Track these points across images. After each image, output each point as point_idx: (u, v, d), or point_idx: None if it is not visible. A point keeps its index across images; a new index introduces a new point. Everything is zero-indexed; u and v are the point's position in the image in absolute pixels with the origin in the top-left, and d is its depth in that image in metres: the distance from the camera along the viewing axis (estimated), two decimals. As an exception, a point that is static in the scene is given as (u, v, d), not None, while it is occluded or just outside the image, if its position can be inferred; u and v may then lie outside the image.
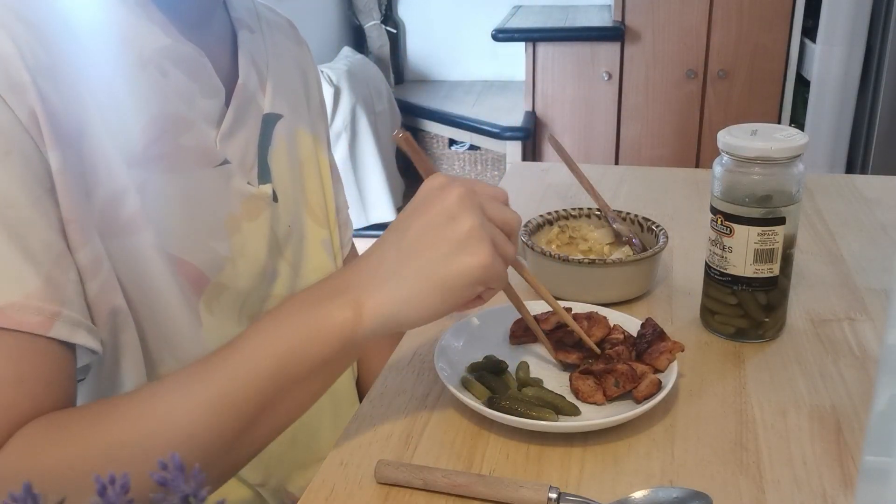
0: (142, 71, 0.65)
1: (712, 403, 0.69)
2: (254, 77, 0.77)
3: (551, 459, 0.62)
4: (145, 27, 0.66)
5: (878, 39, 2.27)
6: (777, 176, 0.72)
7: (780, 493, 0.58)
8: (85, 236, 0.60)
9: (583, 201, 1.00)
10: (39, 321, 0.55)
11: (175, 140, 0.67)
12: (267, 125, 0.78)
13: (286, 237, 0.80)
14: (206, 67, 0.70)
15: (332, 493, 0.59)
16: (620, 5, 2.50)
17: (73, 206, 0.59)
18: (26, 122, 0.56)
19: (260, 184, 0.76)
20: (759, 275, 0.74)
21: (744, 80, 2.53)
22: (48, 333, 0.56)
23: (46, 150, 0.57)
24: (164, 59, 0.67)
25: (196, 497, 0.32)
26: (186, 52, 0.69)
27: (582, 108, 2.61)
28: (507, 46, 2.76)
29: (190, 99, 0.69)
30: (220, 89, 0.72)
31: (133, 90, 0.65)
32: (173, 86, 0.68)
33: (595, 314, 0.76)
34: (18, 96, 0.56)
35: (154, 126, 0.66)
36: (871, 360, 0.75)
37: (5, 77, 0.56)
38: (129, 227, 0.64)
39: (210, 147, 0.70)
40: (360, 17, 3.07)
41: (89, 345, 0.59)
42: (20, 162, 0.56)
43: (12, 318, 0.54)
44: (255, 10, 0.83)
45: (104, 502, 0.31)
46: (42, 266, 0.56)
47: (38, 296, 0.56)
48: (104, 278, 0.62)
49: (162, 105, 0.66)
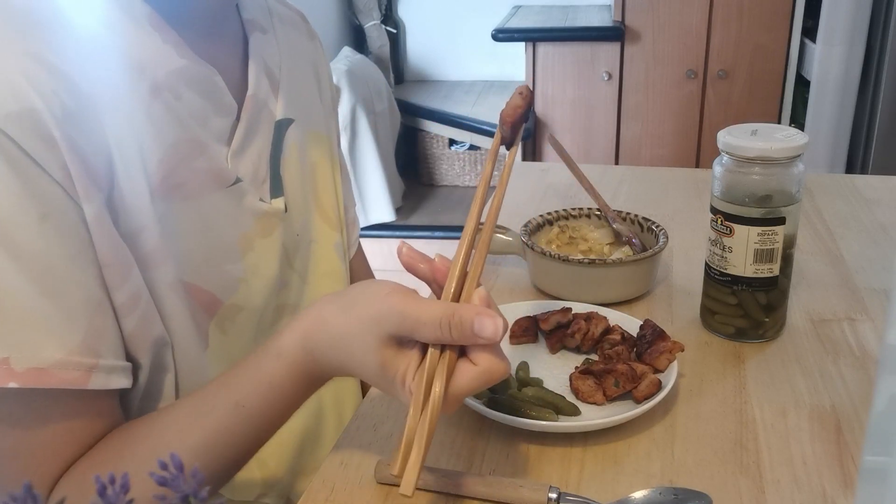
0: (156, 98, 0.64)
1: (712, 403, 0.69)
2: (265, 84, 0.75)
3: (551, 459, 0.62)
4: (159, 50, 0.64)
5: (878, 39, 2.27)
6: (777, 176, 0.72)
7: (780, 493, 0.58)
8: (122, 277, 0.61)
9: (583, 201, 1.00)
10: (78, 376, 0.57)
11: (190, 166, 0.66)
12: (279, 132, 0.76)
13: (294, 247, 0.79)
14: (220, 86, 0.69)
15: (332, 493, 0.59)
16: (620, 5, 2.50)
17: (108, 251, 0.59)
18: (60, 179, 0.56)
19: (272, 198, 0.74)
20: (759, 275, 0.74)
21: (744, 80, 2.52)
22: (86, 387, 0.58)
23: (81, 201, 0.57)
24: (178, 81, 0.65)
25: (196, 497, 0.32)
26: (200, 72, 0.67)
27: (582, 108, 2.60)
28: (507, 46, 2.75)
29: (203, 120, 0.67)
30: (233, 107, 0.70)
31: (149, 120, 0.63)
32: (187, 108, 0.66)
33: (595, 314, 0.77)
34: (50, 153, 0.55)
35: (171, 155, 0.64)
36: (871, 360, 0.74)
37: (35, 135, 0.55)
38: (146, 263, 0.63)
39: (222, 167, 0.69)
40: (360, 17, 3.06)
41: (123, 385, 0.61)
42: (58, 223, 0.56)
43: (56, 377, 0.56)
44: (266, 6, 0.80)
45: (104, 502, 0.31)
46: (81, 322, 0.58)
47: (78, 351, 0.57)
48: (143, 311, 0.63)
49: (177, 131, 0.65)
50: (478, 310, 0.53)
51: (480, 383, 0.54)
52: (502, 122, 0.61)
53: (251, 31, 0.76)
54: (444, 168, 2.93)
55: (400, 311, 0.53)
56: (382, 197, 2.64)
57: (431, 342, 0.53)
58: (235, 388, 0.59)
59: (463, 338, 0.53)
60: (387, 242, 2.56)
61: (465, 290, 0.56)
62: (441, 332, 0.52)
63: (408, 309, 0.53)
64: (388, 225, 2.64)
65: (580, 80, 2.58)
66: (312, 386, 0.60)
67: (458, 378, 0.53)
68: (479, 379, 0.53)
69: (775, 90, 2.53)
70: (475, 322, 0.52)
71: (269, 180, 0.75)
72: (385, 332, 0.54)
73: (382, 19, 3.10)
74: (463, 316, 0.52)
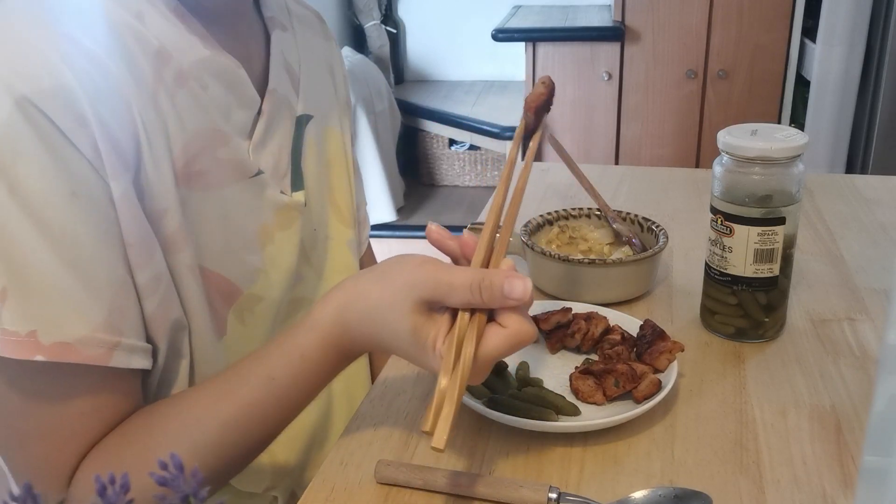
0: (182, 86, 0.65)
1: (712, 403, 0.69)
2: (286, 80, 0.76)
3: (551, 459, 0.62)
4: (185, 39, 0.66)
5: (878, 39, 2.27)
6: (777, 176, 0.72)
7: (780, 493, 0.58)
8: (145, 257, 0.62)
9: (583, 201, 1.00)
10: (102, 353, 0.59)
11: (213, 155, 0.67)
12: (299, 127, 0.78)
13: (312, 241, 0.80)
14: (243, 78, 0.70)
15: (332, 493, 0.59)
16: (620, 5, 2.50)
17: (133, 230, 0.60)
18: (90, 157, 0.57)
19: (293, 191, 0.76)
20: (759, 275, 0.74)
21: (744, 81, 2.52)
22: (109, 364, 0.59)
23: (109, 179, 0.58)
24: (203, 71, 0.66)
25: (196, 497, 0.32)
26: (225, 64, 0.68)
27: (582, 109, 2.60)
28: (507, 46, 2.75)
29: (227, 111, 0.69)
30: (255, 100, 0.71)
31: (174, 107, 0.64)
32: (212, 99, 0.67)
33: (595, 314, 0.77)
34: (82, 130, 0.56)
35: (194, 143, 0.65)
36: (871, 360, 0.75)
37: (70, 113, 0.56)
38: (167, 246, 0.64)
39: (244, 159, 0.70)
40: (360, 17, 3.06)
41: (143, 366, 0.62)
42: (87, 201, 0.57)
43: (81, 353, 0.57)
44: (285, 5, 0.82)
45: (104, 502, 0.31)
46: (106, 299, 0.59)
47: (102, 328, 0.58)
48: (163, 293, 0.64)
49: (201, 120, 0.66)
50: (507, 273, 0.55)
51: (509, 346, 0.55)
52: (526, 108, 0.64)
53: (272, 29, 0.77)
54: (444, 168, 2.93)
55: (433, 277, 0.55)
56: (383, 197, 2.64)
57: (462, 306, 0.55)
58: (267, 362, 0.60)
59: (493, 300, 0.54)
60: (388, 242, 2.56)
61: (493, 261, 0.58)
62: (472, 295, 0.54)
63: (440, 274, 0.55)
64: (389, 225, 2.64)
65: (580, 80, 2.57)
66: (342, 361, 0.61)
67: (487, 341, 0.55)
68: (509, 341, 0.55)
69: (775, 90, 2.53)
70: (505, 284, 0.54)
71: (290, 174, 0.76)
72: (418, 298, 0.55)
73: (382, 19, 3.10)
74: (493, 279, 0.54)
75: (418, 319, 0.55)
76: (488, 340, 0.55)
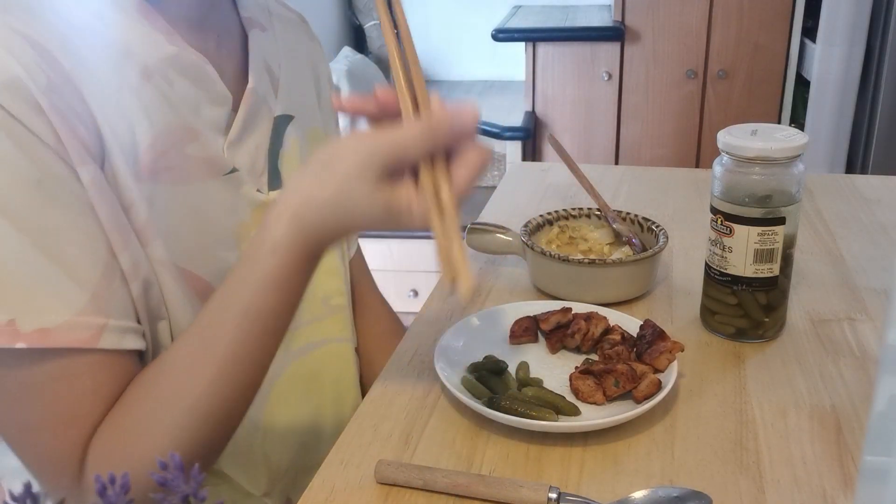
0: (148, 82, 0.65)
1: (712, 403, 0.69)
2: (265, 80, 0.76)
3: (551, 459, 0.62)
4: (149, 36, 0.66)
5: (878, 39, 2.27)
6: (777, 176, 0.72)
7: (780, 493, 0.58)
8: (123, 242, 0.62)
9: (583, 201, 1.00)
10: (88, 336, 0.59)
11: (181, 151, 0.67)
12: (278, 128, 0.78)
13: None
14: (211, 75, 0.70)
15: (332, 493, 0.59)
16: (620, 5, 2.50)
17: (108, 216, 0.61)
18: (52, 143, 0.57)
19: (270, 190, 0.75)
20: (759, 275, 0.74)
21: (744, 80, 2.52)
22: (97, 346, 0.59)
23: (75, 165, 0.59)
24: (168, 68, 0.67)
25: (196, 497, 0.32)
26: (191, 60, 0.68)
27: (582, 108, 2.60)
28: (507, 46, 2.75)
29: (196, 108, 0.69)
30: (226, 97, 0.71)
31: (140, 103, 0.64)
32: (179, 95, 0.67)
33: (595, 314, 0.77)
34: (39, 119, 0.57)
35: (163, 138, 0.66)
36: (871, 360, 0.75)
37: (23, 102, 0.56)
38: (139, 240, 0.64)
39: (217, 156, 0.70)
40: (360, 17, 3.06)
41: (137, 346, 0.63)
42: (54, 186, 0.58)
43: (63, 337, 0.57)
44: (266, 6, 0.82)
45: (104, 502, 0.31)
46: (88, 283, 0.59)
47: (86, 311, 0.58)
48: (143, 280, 0.64)
49: (168, 116, 0.66)
50: (444, 105, 0.55)
51: (477, 170, 0.56)
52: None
53: (250, 29, 0.77)
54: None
55: (383, 143, 0.55)
56: (382, 197, 2.63)
57: (421, 157, 0.55)
58: (239, 300, 0.59)
59: (448, 135, 0.55)
60: (386, 242, 2.56)
61: (421, 101, 0.58)
62: (426, 141, 0.54)
63: (387, 138, 0.55)
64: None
65: (580, 80, 2.58)
66: (313, 265, 0.61)
67: (457, 176, 0.56)
68: (475, 167, 0.56)
69: (775, 90, 2.53)
70: (451, 115, 0.55)
71: (268, 173, 0.76)
72: (378, 171, 0.55)
73: (382, 19, 3.10)
74: (438, 117, 0.55)
75: (386, 191, 0.55)
76: (457, 175, 0.55)
